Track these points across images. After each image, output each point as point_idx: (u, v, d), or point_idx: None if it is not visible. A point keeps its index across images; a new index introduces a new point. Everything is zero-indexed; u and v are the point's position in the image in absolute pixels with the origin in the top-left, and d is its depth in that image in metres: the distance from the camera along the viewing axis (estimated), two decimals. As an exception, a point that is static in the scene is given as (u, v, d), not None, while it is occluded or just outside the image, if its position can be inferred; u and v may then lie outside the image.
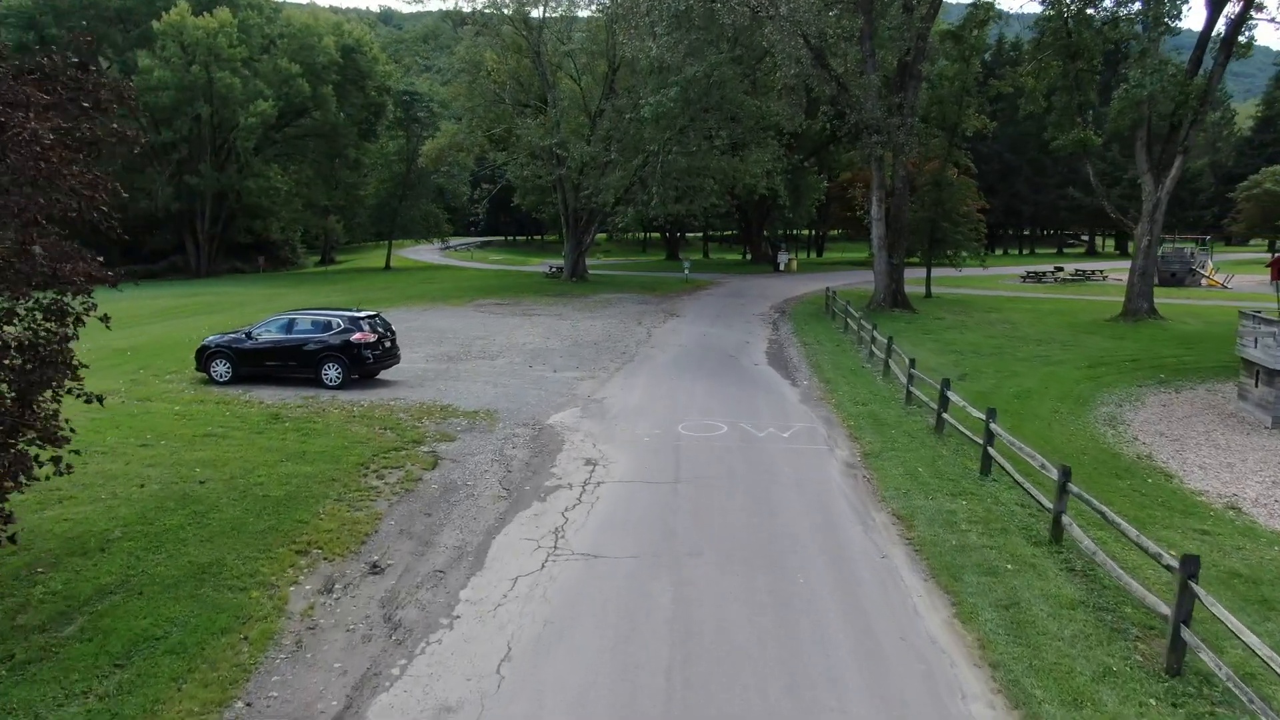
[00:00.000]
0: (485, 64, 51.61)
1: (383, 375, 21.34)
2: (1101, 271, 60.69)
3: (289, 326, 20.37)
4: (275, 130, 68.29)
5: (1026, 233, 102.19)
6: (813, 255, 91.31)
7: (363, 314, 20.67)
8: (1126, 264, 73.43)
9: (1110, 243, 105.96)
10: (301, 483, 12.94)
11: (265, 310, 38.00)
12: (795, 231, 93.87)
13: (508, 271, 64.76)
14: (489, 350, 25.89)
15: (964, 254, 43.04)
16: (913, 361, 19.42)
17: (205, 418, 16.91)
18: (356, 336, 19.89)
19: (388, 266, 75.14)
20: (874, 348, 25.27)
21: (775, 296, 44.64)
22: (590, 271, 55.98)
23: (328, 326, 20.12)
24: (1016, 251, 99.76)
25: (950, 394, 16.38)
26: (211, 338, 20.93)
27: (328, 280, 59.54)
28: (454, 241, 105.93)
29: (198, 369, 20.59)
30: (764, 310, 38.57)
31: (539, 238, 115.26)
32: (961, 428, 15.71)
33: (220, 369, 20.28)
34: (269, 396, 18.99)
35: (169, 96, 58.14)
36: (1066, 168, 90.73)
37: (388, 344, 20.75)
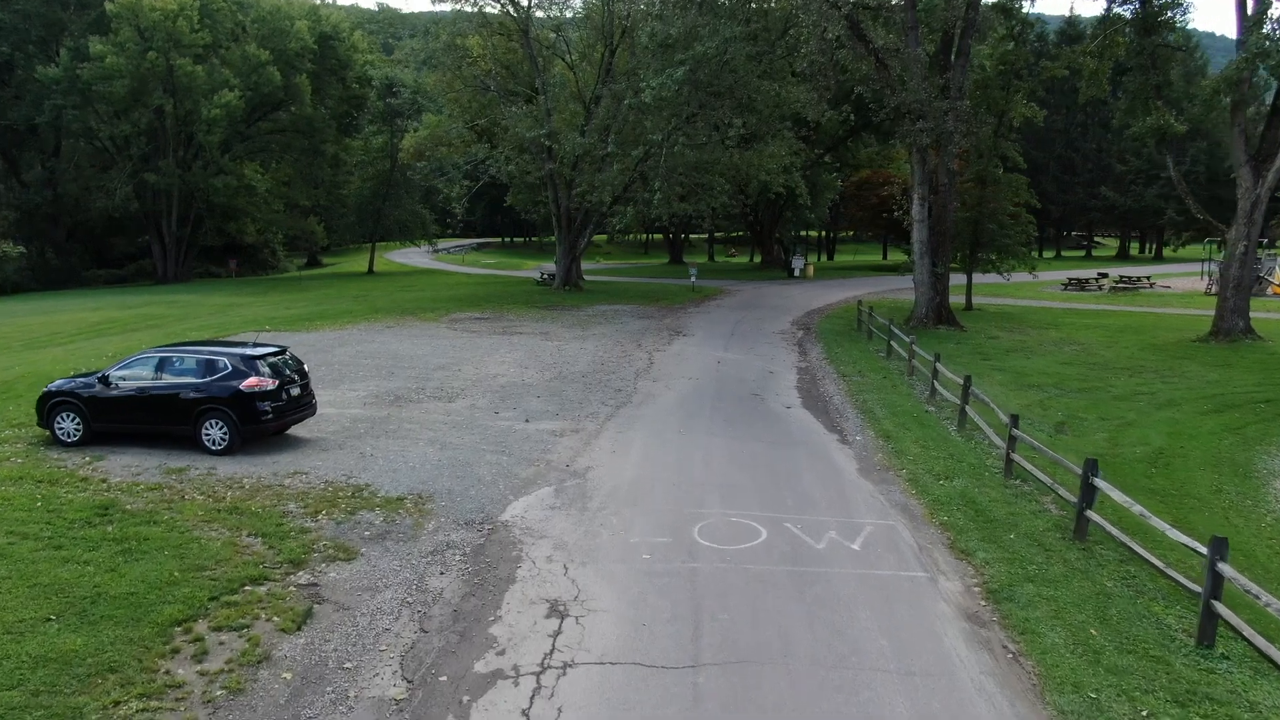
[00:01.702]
0: (470, 49, 46.29)
1: (295, 431, 15.93)
2: (1148, 278, 55.15)
3: (159, 367, 14.90)
4: (247, 125, 62.98)
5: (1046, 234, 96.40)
6: (823, 258, 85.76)
7: (261, 350, 15.22)
8: (1170, 269, 68.20)
9: (1133, 246, 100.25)
10: (49, 679, 7.51)
11: (209, 326, 32.68)
12: (805, 233, 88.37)
13: (496, 278, 59.38)
14: (448, 387, 20.44)
15: (1012, 260, 37.57)
16: (1015, 419, 13.97)
17: (1, 510, 11.50)
18: (249, 383, 14.45)
19: (371, 271, 69.90)
20: (937, 383, 19.84)
21: (795, 308, 39.18)
22: (586, 277, 50.58)
23: (210, 368, 14.67)
24: (1038, 254, 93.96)
25: (1100, 482, 10.91)
26: (58, 381, 15.48)
27: (299, 287, 54.18)
28: (450, 244, 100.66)
29: (40, 424, 15.19)
30: (785, 327, 33.10)
31: (536, 239, 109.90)
32: (1120, 534, 10.30)
33: (67, 425, 14.85)
34: (121, 468, 13.60)
35: (123, 85, 52.74)
36: (1095, 165, 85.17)
37: (296, 391, 15.29)
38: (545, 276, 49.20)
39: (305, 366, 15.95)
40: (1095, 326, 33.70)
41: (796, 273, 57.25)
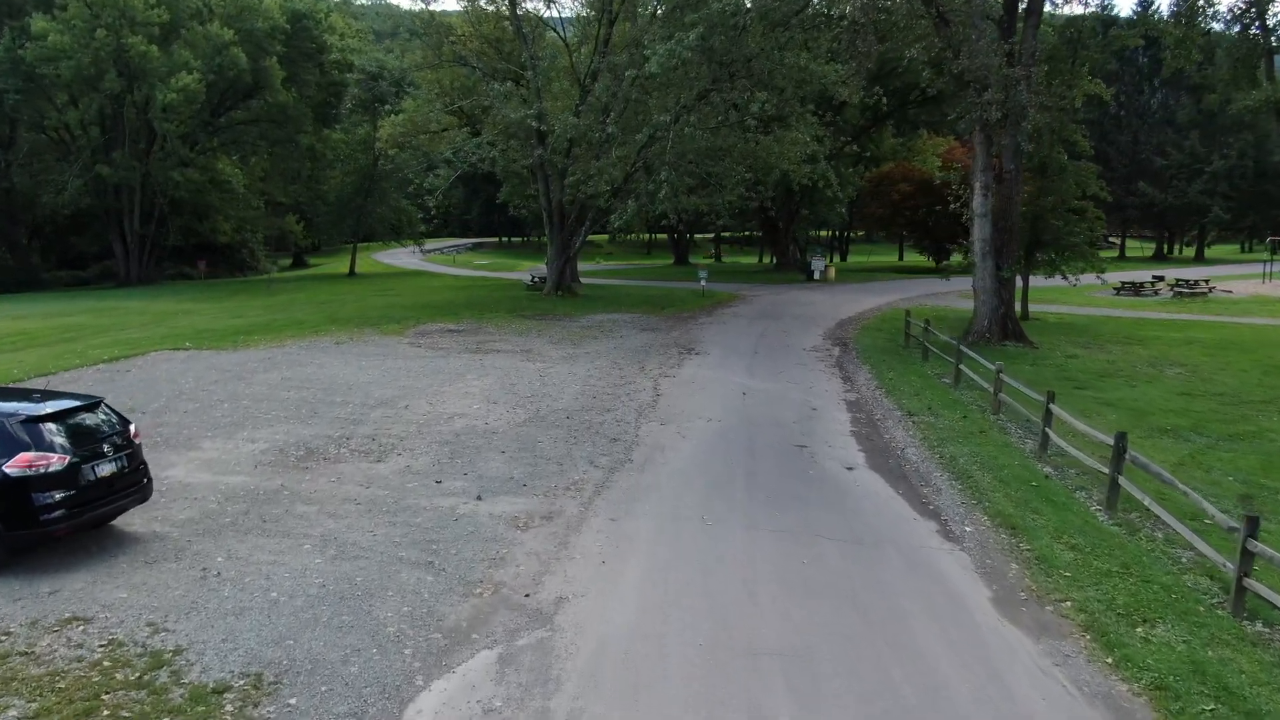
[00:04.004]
0: (453, 27, 41.03)
1: (125, 521, 10.52)
2: (1206, 281, 49.56)
3: (-110, 434, 9.53)
4: (215, 114, 57.73)
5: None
6: (837, 260, 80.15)
7: (52, 406, 9.79)
8: (1218, 270, 62.54)
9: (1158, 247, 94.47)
10: None
11: (122, 341, 27.30)
12: (818, 232, 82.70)
13: (485, 281, 53.95)
14: (383, 436, 15.02)
15: (1079, 261, 32.10)
16: (1253, 524, 8.57)
17: None
18: (19, 462, 9.03)
19: (352, 273, 64.58)
20: (1049, 431, 14.43)
21: (824, 318, 33.72)
22: (583, 280, 45.21)
23: (-37, 437, 9.28)
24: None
25: None
26: None
27: (267, 291, 48.87)
28: (445, 243, 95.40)
29: None
30: (817, 341, 27.67)
31: (534, 239, 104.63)
32: None
33: None
34: None
35: (69, 67, 47.40)
36: (1131, 159, 79.47)
37: (108, 469, 9.83)
38: (536, 280, 43.82)
39: (132, 428, 10.48)
40: (1185, 341, 28.24)
41: (816, 275, 51.80)
